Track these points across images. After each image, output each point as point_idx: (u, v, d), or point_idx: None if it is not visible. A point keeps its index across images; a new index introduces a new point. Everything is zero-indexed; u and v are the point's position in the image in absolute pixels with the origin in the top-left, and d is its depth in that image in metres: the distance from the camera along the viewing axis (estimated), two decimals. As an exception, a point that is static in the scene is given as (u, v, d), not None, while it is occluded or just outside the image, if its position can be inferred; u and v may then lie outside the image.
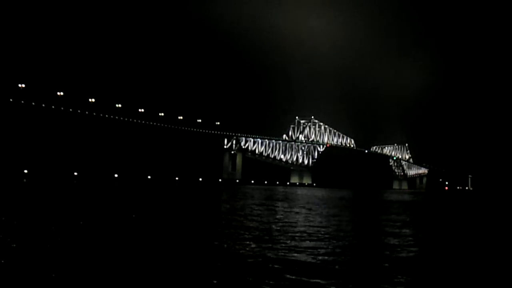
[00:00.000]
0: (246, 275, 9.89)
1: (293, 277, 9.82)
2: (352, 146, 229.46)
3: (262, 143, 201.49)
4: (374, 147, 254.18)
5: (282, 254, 12.54)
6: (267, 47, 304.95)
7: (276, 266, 10.92)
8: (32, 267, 9.73)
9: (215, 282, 9.28)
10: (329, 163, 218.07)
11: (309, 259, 12.00)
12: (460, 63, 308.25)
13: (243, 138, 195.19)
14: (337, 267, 11.18)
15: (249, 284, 9.20)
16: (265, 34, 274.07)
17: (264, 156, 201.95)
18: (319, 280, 9.67)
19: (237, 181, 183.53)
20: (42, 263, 10.16)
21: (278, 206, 35.07)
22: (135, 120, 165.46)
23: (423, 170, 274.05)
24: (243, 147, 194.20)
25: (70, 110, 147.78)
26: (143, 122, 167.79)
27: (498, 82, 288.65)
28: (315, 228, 19.49)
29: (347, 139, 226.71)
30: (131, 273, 9.74)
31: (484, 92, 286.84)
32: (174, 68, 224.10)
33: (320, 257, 12.31)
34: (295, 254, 12.54)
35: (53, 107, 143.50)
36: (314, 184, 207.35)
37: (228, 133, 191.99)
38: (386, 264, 11.87)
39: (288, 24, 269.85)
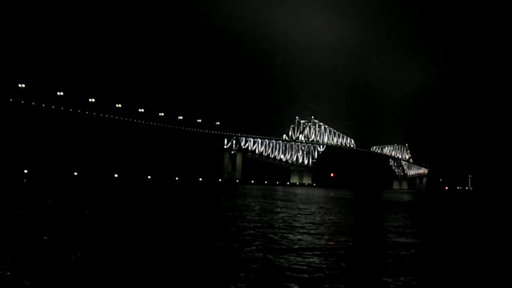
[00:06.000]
0: (243, 277, 9.88)
1: (290, 276, 9.82)
2: (352, 146, 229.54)
3: (262, 143, 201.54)
4: (374, 147, 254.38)
5: (281, 255, 12.53)
6: (267, 47, 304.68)
7: (274, 266, 10.92)
8: (33, 267, 9.73)
9: (214, 282, 9.29)
10: (329, 163, 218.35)
11: (308, 261, 11.98)
12: (460, 63, 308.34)
13: (243, 138, 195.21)
14: (335, 266, 11.17)
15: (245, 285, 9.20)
16: (265, 34, 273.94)
17: (264, 156, 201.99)
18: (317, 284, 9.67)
19: (237, 181, 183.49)
20: (42, 263, 10.16)
21: (278, 205, 35.10)
22: (135, 120, 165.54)
23: (423, 170, 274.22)
24: (243, 147, 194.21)
25: (70, 110, 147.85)
26: (143, 122, 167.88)
27: (497, 82, 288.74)
28: (314, 231, 19.48)
29: (347, 139, 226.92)
30: (130, 275, 9.73)
31: (484, 92, 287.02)
32: (174, 68, 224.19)
33: (319, 262, 12.30)
34: (294, 253, 12.54)
35: (53, 107, 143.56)
36: (314, 184, 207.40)
37: (228, 133, 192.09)
38: (387, 266, 11.87)
39: (288, 24, 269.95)
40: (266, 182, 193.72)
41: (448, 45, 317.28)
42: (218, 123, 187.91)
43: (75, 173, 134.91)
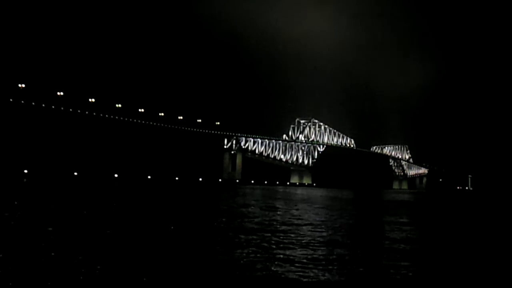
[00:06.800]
0: (242, 277, 9.88)
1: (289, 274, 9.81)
2: (352, 146, 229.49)
3: (262, 143, 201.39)
4: (374, 147, 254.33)
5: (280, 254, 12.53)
6: (267, 47, 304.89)
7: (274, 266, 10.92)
8: (33, 267, 9.73)
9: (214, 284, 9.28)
10: (329, 163, 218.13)
11: (307, 264, 11.98)
12: (460, 63, 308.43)
13: (243, 138, 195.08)
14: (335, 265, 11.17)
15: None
16: (265, 34, 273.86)
17: (264, 156, 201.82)
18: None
19: (237, 181, 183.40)
20: (42, 263, 10.16)
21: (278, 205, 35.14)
22: (135, 120, 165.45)
23: (423, 170, 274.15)
24: (243, 147, 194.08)
25: (70, 110, 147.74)
26: (143, 122, 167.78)
27: (497, 82, 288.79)
28: (314, 233, 19.48)
29: (347, 139, 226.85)
30: (128, 276, 9.73)
31: (484, 92, 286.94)
32: (174, 68, 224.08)
33: (318, 263, 12.29)
34: (293, 249, 12.54)
35: (53, 107, 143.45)
36: (314, 184, 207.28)
37: (228, 133, 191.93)
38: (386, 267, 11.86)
39: (288, 23, 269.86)
40: (266, 182, 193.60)
41: (448, 45, 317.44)
42: (218, 123, 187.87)
43: (75, 173, 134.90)
